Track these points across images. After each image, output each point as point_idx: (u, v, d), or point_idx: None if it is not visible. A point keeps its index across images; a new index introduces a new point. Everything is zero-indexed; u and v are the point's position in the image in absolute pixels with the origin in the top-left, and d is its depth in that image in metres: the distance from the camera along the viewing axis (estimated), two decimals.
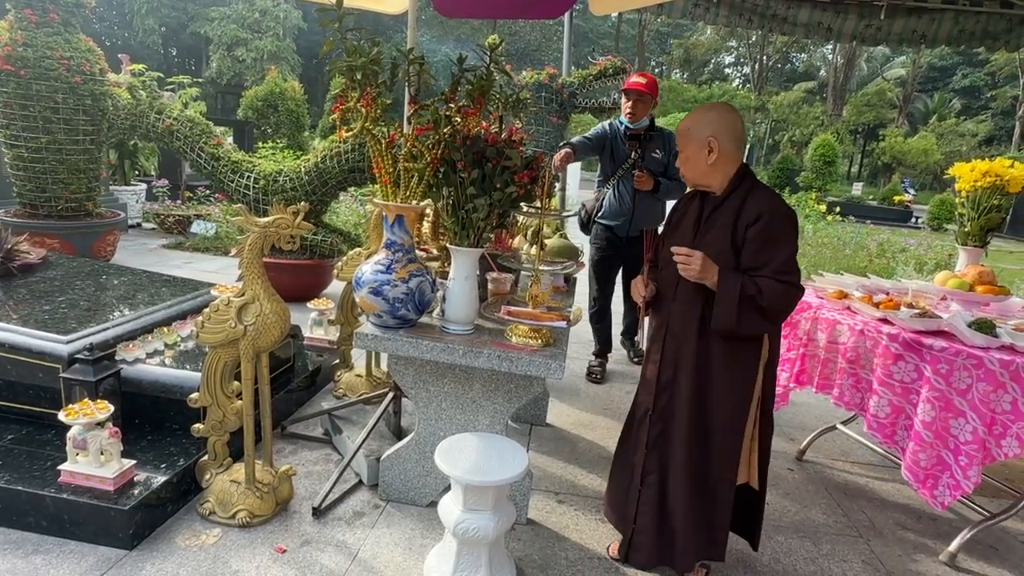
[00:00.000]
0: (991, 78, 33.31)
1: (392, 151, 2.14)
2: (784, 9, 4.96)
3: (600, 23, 38.29)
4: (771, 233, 1.83)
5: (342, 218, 7.87)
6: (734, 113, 1.94)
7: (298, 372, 3.30)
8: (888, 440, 2.43)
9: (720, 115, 1.92)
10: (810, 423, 3.64)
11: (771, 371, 2.01)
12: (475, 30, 26.58)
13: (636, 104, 3.64)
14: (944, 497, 2.26)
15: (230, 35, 22.87)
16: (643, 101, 3.66)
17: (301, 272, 5.17)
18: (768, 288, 1.80)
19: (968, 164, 2.93)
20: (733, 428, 1.95)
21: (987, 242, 2.96)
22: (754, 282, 1.81)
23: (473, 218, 2.07)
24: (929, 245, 10.00)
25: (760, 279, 1.82)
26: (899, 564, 2.43)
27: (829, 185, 20.82)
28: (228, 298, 2.17)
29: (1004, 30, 4.85)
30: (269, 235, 2.14)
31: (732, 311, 1.82)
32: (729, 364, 1.93)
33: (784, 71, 40.22)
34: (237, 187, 5.17)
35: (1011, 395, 2.15)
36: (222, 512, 2.25)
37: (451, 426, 2.35)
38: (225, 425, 2.28)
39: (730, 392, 1.94)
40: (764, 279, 1.81)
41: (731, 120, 1.92)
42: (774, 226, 1.83)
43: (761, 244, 1.83)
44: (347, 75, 1.95)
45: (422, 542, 2.26)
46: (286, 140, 9.29)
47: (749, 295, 1.81)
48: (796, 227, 1.87)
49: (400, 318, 2.16)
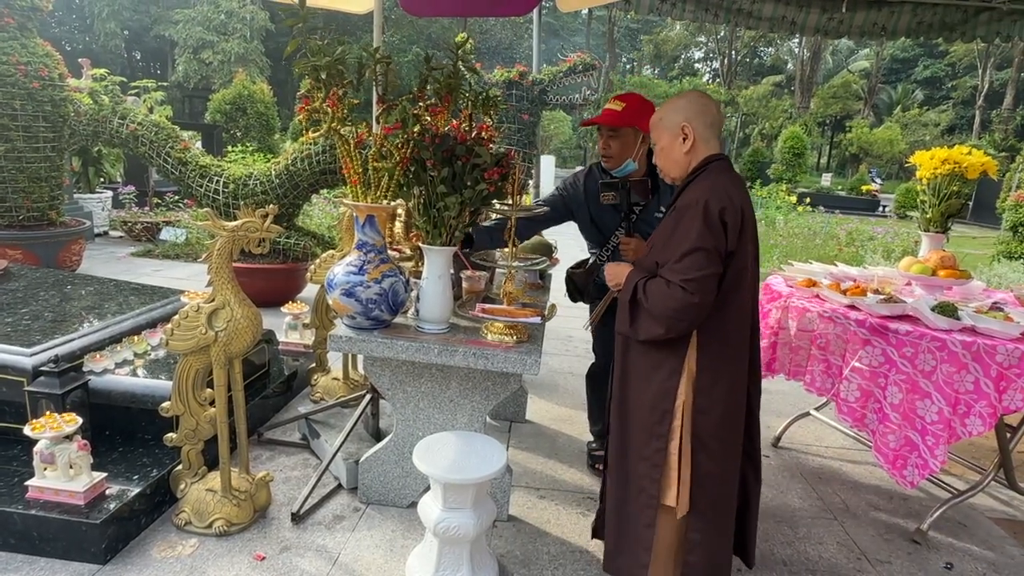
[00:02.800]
0: (951, 69, 34.25)
1: (361, 151, 2.12)
2: (749, 4, 5.03)
3: (571, 20, 38.43)
4: (679, 227, 1.67)
5: (315, 221, 7.79)
6: (706, 98, 1.81)
7: (273, 377, 3.26)
8: (858, 424, 2.49)
9: (691, 100, 1.80)
10: (785, 410, 3.71)
11: (705, 388, 1.71)
12: (445, 29, 26.48)
13: (608, 143, 2.48)
14: (913, 477, 2.32)
15: (196, 38, 22.43)
16: (617, 137, 2.45)
17: (274, 276, 5.11)
18: (653, 288, 1.68)
19: (928, 152, 3.00)
20: (647, 442, 1.76)
21: (948, 228, 3.04)
22: (648, 281, 1.70)
23: (445, 216, 2.07)
24: (896, 233, 10.26)
25: (654, 278, 1.70)
26: (872, 544, 2.49)
27: (799, 176, 21.21)
28: (198, 304, 2.13)
29: (960, 21, 4.99)
30: (238, 239, 2.11)
31: (625, 312, 1.75)
32: (645, 372, 1.78)
33: (753, 65, 40.82)
34: (206, 192, 5.08)
35: (973, 375, 2.22)
36: (198, 522, 2.21)
37: (429, 426, 2.34)
38: (199, 433, 2.24)
39: (643, 403, 1.78)
40: (655, 278, 1.69)
41: (703, 104, 1.78)
42: (683, 220, 1.66)
43: (667, 238, 1.71)
44: (312, 75, 1.93)
45: (403, 543, 2.25)
46: (256, 143, 9.14)
47: (638, 296, 1.71)
48: (712, 225, 1.62)
49: (374, 319, 2.15)
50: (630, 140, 2.46)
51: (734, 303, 1.72)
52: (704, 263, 1.61)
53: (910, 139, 27.65)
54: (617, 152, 2.47)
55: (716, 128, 1.79)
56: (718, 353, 1.72)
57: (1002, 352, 2.18)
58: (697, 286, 1.60)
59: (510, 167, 2.13)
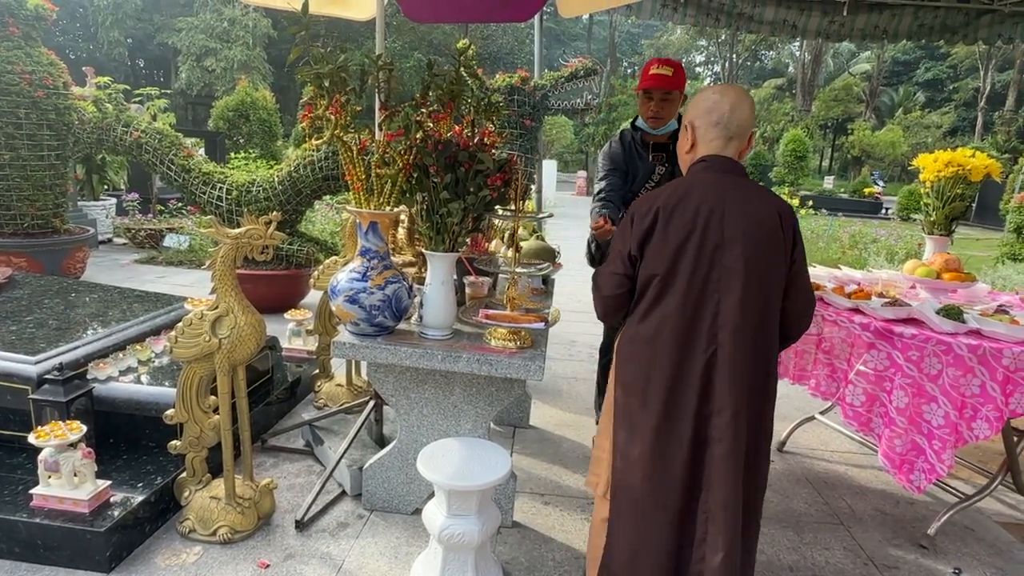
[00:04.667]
0: (953, 71, 34.21)
1: (364, 157, 2.13)
2: (750, 8, 5.04)
3: (571, 25, 38.56)
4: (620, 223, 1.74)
5: (318, 227, 7.80)
6: (721, 94, 1.66)
7: (277, 384, 3.26)
8: (864, 428, 2.47)
9: (701, 98, 1.69)
10: (790, 414, 3.69)
11: (623, 387, 1.68)
12: (447, 35, 26.55)
13: (661, 106, 2.68)
14: (920, 481, 2.30)
15: (199, 45, 22.54)
16: (670, 100, 2.67)
17: (277, 283, 5.12)
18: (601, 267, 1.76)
19: (931, 155, 2.99)
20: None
21: (952, 230, 3.02)
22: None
23: (448, 222, 2.07)
24: (899, 235, 10.24)
25: None
26: (879, 549, 2.47)
27: (801, 179, 21.18)
28: (202, 311, 2.13)
29: (962, 24, 4.99)
30: (241, 246, 2.11)
31: None
32: None
33: (754, 69, 40.85)
34: (209, 199, 5.09)
35: (979, 379, 2.20)
36: (203, 529, 2.21)
37: (433, 432, 2.34)
38: (203, 441, 2.24)
39: None
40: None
41: (712, 102, 1.65)
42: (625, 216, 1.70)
43: None
44: (315, 82, 1.94)
45: (408, 550, 2.25)
46: (259, 150, 9.17)
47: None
48: (623, 226, 1.66)
49: (378, 325, 2.15)
50: (676, 101, 2.72)
51: (655, 318, 1.61)
52: (611, 259, 1.69)
53: (912, 141, 27.59)
54: (668, 113, 2.71)
55: (726, 127, 1.63)
56: (625, 357, 1.68)
57: (1008, 355, 2.17)
58: (600, 280, 1.72)
59: (513, 173, 2.14)
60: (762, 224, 1.56)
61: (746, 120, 1.65)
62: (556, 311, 2.47)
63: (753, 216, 1.56)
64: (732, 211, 1.56)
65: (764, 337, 1.59)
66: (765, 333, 1.60)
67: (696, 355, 1.57)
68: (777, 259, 1.58)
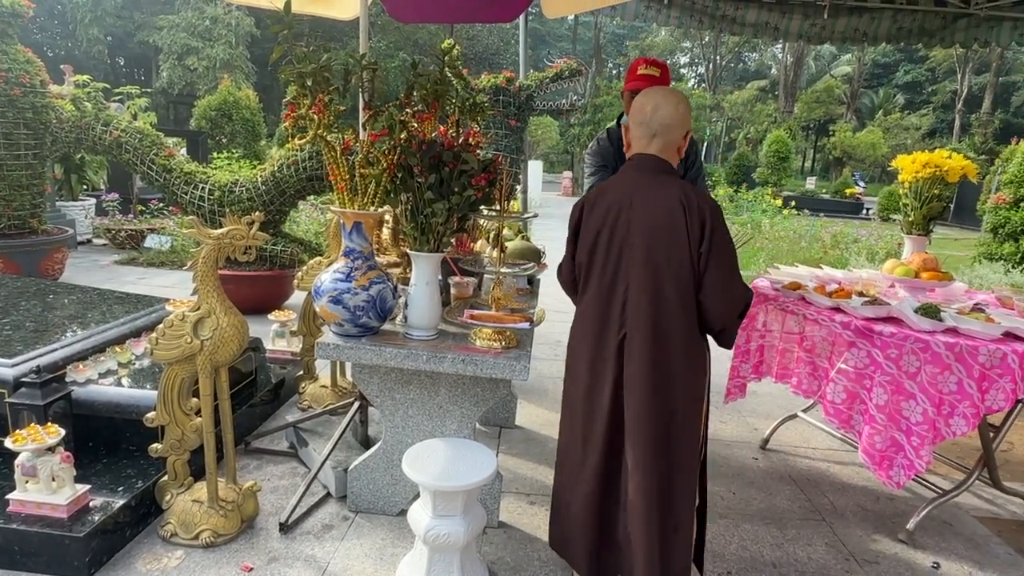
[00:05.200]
0: (931, 74, 34.80)
1: (348, 157, 2.12)
2: (733, 10, 5.09)
3: (557, 26, 38.64)
4: None
5: (302, 227, 7.75)
6: (647, 96, 1.76)
7: (260, 386, 3.23)
8: (845, 425, 2.51)
9: (634, 101, 1.80)
10: (773, 412, 3.73)
11: (565, 365, 1.96)
12: (432, 35, 26.46)
13: None
14: (899, 477, 2.34)
15: (180, 44, 22.26)
16: None
17: (261, 283, 5.07)
18: None
19: (910, 156, 3.04)
20: None
21: (930, 230, 3.08)
22: None
23: (432, 223, 2.07)
24: (879, 235, 10.39)
25: None
26: (860, 544, 2.51)
27: (784, 180, 21.40)
28: (183, 313, 2.11)
29: (939, 27, 5.07)
30: (223, 247, 2.09)
31: None
32: None
33: (737, 70, 41.23)
34: (191, 199, 5.03)
35: (956, 376, 2.25)
36: (185, 533, 2.18)
37: (418, 433, 2.33)
38: (184, 444, 2.22)
39: None
40: None
41: (638, 103, 1.77)
42: None
43: None
44: (297, 82, 1.93)
45: (393, 551, 2.24)
46: (242, 150, 9.08)
47: None
48: (571, 217, 1.88)
49: (362, 326, 2.14)
50: None
51: (582, 303, 1.86)
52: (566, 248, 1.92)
53: (892, 143, 28.02)
54: None
55: (648, 126, 1.73)
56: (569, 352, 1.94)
57: (984, 353, 2.22)
58: (560, 267, 1.97)
59: (497, 173, 2.14)
60: (663, 218, 1.65)
61: (668, 118, 1.72)
62: (541, 311, 2.47)
63: (656, 210, 1.66)
64: (638, 206, 1.69)
65: (666, 325, 1.68)
66: (667, 322, 1.68)
67: (610, 338, 1.74)
68: (677, 252, 1.66)
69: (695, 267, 1.65)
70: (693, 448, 1.77)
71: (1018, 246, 7.95)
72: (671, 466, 1.74)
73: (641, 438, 1.73)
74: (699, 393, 1.77)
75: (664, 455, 1.73)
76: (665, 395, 1.72)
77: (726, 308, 1.69)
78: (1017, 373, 2.21)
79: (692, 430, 1.76)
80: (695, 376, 1.75)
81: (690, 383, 1.74)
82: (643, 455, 1.73)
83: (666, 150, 1.75)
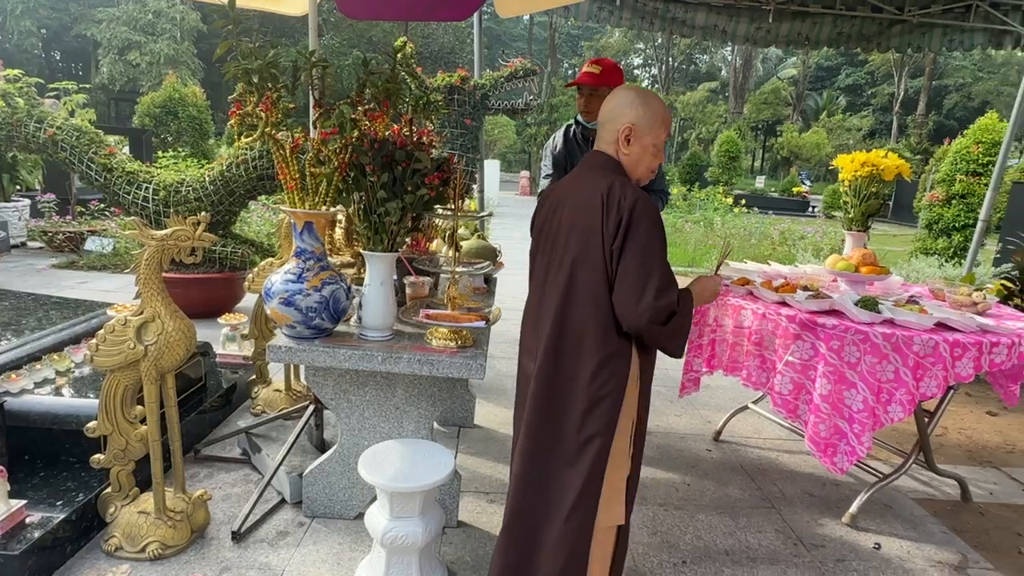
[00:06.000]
0: (871, 77, 36.37)
1: (298, 156, 2.07)
2: (682, 12, 5.20)
3: (512, 26, 38.74)
4: None
5: (254, 228, 7.55)
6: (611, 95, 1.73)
7: (211, 391, 3.14)
8: (792, 415, 2.60)
9: None
10: (726, 404, 3.84)
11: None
12: (387, 33, 26.14)
13: (590, 100, 2.83)
14: (843, 463, 2.44)
15: (121, 38, 21.32)
16: (597, 95, 2.79)
17: (211, 286, 4.92)
18: None
19: (849, 156, 3.18)
20: None
21: (869, 226, 3.22)
22: None
23: (386, 222, 2.05)
24: (824, 232, 10.81)
25: None
26: (807, 529, 2.61)
27: (735, 179, 22.01)
28: (125, 317, 2.03)
29: (876, 32, 5.31)
30: (168, 248, 2.02)
31: None
32: None
33: (689, 72, 42.15)
34: (134, 199, 4.84)
35: (893, 365, 2.36)
36: (130, 546, 2.10)
37: (375, 434, 2.31)
38: (129, 453, 2.13)
39: None
40: None
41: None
42: None
43: None
44: (243, 79, 1.87)
45: (351, 555, 2.21)
46: (189, 148, 8.77)
47: None
48: None
49: (315, 328, 2.10)
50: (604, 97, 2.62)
51: (526, 301, 1.84)
52: None
53: (835, 143, 29.14)
54: (595, 108, 2.75)
55: (601, 123, 1.71)
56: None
57: (918, 342, 2.33)
58: None
59: (451, 172, 2.13)
60: (584, 215, 1.60)
61: (600, 114, 1.70)
62: (497, 310, 2.48)
63: (581, 208, 1.62)
64: (568, 204, 1.67)
65: (578, 327, 1.61)
66: (579, 323, 1.61)
67: (542, 330, 1.69)
68: (592, 250, 1.58)
69: (608, 266, 1.57)
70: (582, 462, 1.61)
71: (951, 241, 8.39)
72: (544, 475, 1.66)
73: (524, 435, 1.69)
74: (608, 407, 1.59)
75: (537, 458, 1.66)
76: (561, 403, 1.63)
77: (635, 312, 1.52)
78: (948, 361, 2.34)
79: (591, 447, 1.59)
80: (603, 386, 1.58)
81: (599, 398, 1.59)
82: (520, 451, 1.70)
83: (608, 147, 1.69)
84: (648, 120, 1.65)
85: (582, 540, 1.61)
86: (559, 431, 1.65)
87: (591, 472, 1.60)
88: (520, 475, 1.70)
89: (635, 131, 1.65)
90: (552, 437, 1.66)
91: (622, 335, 1.60)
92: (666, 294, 1.53)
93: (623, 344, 1.61)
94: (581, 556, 1.62)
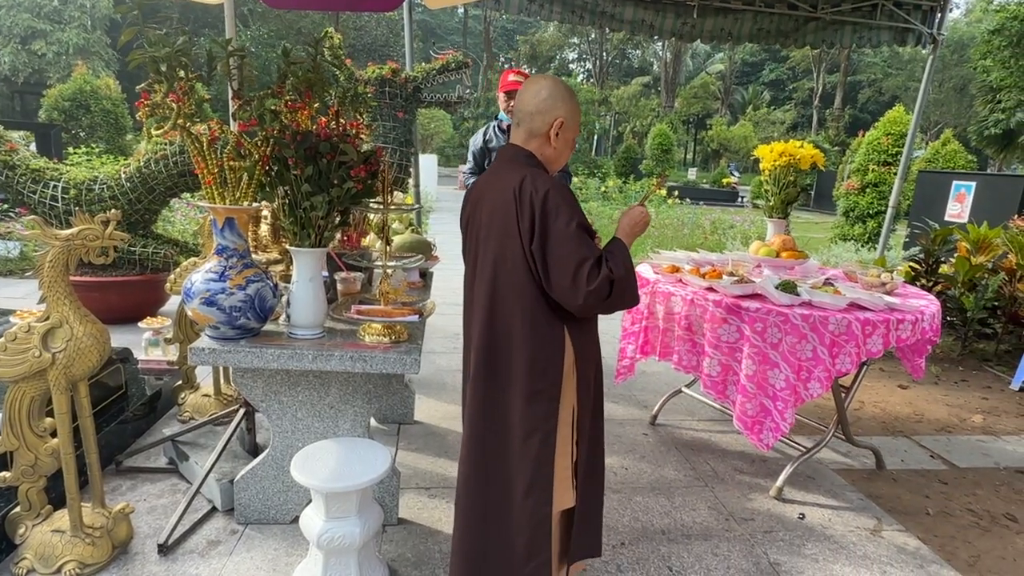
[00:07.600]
0: (792, 72, 38.20)
1: (216, 149, 1.98)
2: (611, 7, 5.29)
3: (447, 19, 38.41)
4: None
5: (178, 227, 7.19)
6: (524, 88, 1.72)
7: (132, 399, 2.97)
8: (721, 396, 2.71)
9: None
10: (660, 388, 3.96)
11: None
12: (317, 24, 25.33)
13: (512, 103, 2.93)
14: (769, 439, 2.57)
15: (23, 26, 19.75)
16: None
17: (131, 289, 4.65)
18: None
19: (768, 146, 3.33)
20: None
21: (788, 213, 3.38)
22: None
23: (312, 216, 1.99)
24: (752, 221, 11.30)
25: None
26: (738, 504, 2.73)
27: (668, 171, 22.65)
28: (29, 324, 1.89)
29: (793, 29, 5.57)
30: (74, 249, 1.90)
31: None
32: None
33: (623, 66, 43.01)
34: (41, 198, 4.51)
35: (811, 344, 2.49)
36: (44, 568, 1.97)
37: (309, 435, 2.25)
38: (39, 469, 2.00)
39: None
40: None
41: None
42: None
43: None
44: (151, 67, 1.78)
45: (287, 560, 2.15)
46: (103, 144, 8.27)
47: None
48: None
49: (240, 328, 2.02)
50: None
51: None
52: None
53: (761, 136, 30.45)
54: None
55: (516, 115, 1.70)
56: None
57: (833, 322, 2.47)
58: None
59: (378, 164, 2.09)
60: (500, 213, 1.61)
61: (526, 105, 1.66)
62: (432, 303, 2.46)
63: (496, 205, 1.63)
64: (486, 201, 1.70)
65: (505, 310, 1.63)
66: (504, 307, 1.63)
67: (475, 320, 1.73)
68: (509, 247, 1.59)
69: (531, 265, 1.56)
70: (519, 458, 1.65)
71: (866, 227, 8.93)
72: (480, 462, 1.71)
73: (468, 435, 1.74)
74: (544, 400, 1.62)
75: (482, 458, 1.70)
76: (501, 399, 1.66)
77: (577, 301, 1.53)
78: (860, 339, 2.48)
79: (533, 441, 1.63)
80: (537, 380, 1.61)
81: (535, 392, 1.61)
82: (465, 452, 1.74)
83: (531, 139, 1.67)
84: (573, 115, 1.69)
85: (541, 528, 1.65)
86: (501, 427, 1.67)
87: (537, 464, 1.63)
88: (468, 475, 1.72)
89: (564, 125, 1.66)
90: (495, 435, 1.68)
91: (552, 328, 1.61)
92: (597, 270, 1.52)
93: (555, 336, 1.62)
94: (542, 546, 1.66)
